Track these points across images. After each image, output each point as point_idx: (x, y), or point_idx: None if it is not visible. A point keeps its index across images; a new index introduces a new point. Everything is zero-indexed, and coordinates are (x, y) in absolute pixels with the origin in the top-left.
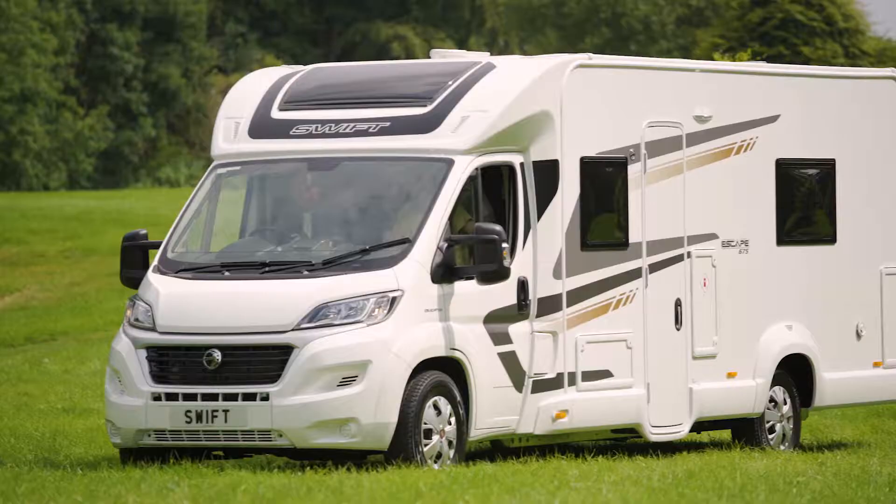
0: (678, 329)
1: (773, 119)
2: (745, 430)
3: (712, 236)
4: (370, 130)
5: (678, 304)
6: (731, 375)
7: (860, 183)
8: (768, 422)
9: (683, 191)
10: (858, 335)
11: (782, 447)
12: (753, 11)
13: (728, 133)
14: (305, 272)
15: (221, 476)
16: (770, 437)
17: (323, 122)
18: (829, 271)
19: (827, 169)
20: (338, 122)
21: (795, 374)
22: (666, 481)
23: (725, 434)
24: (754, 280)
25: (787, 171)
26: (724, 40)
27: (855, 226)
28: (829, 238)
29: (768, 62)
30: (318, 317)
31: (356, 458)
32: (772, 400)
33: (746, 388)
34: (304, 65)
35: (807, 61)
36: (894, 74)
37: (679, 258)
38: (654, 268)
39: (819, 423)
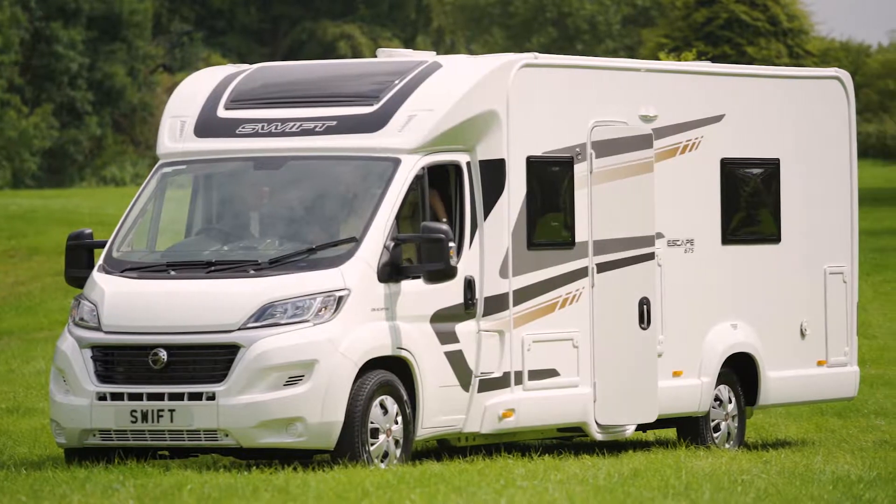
0: (644, 328)
1: (718, 119)
2: (691, 429)
3: (658, 235)
4: (316, 129)
5: (644, 303)
6: (676, 374)
7: (804, 182)
8: (713, 420)
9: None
10: (803, 334)
11: (727, 446)
12: (698, 11)
13: (673, 133)
14: (252, 271)
15: (167, 476)
16: (715, 435)
17: (269, 121)
18: (774, 270)
19: (771, 168)
20: (284, 121)
21: (740, 372)
22: (612, 480)
23: (671, 433)
24: (700, 279)
25: (731, 171)
26: (669, 40)
27: (799, 225)
28: (774, 237)
29: (713, 62)
30: (265, 316)
31: (303, 458)
32: (717, 399)
33: (692, 387)
34: (251, 64)
35: (751, 61)
36: (838, 74)
37: (631, 258)
38: (603, 267)
39: (764, 422)
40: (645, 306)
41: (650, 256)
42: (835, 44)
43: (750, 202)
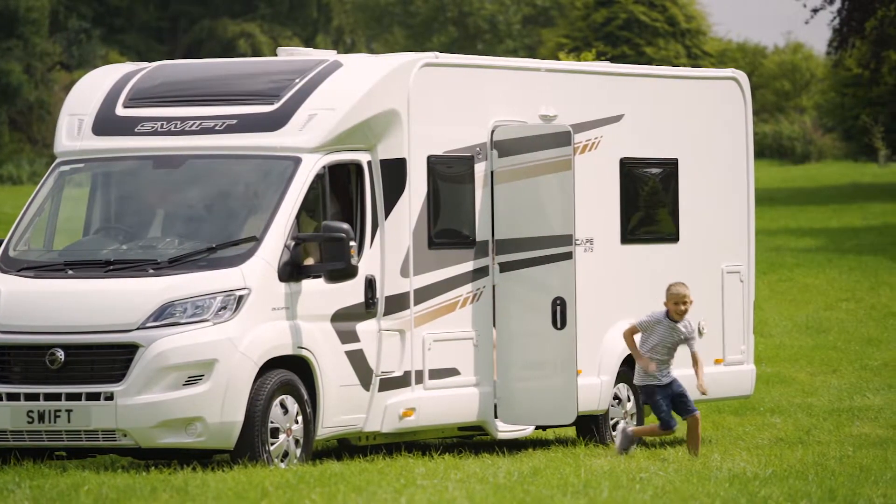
0: (558, 329)
1: (618, 119)
2: (590, 427)
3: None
4: (216, 128)
5: (558, 303)
6: (576, 373)
7: (702, 182)
8: (612, 419)
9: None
10: (700, 333)
11: None
12: (598, 12)
13: (574, 132)
14: (151, 270)
15: (64, 477)
16: (614, 433)
17: (168, 119)
18: (672, 269)
19: (670, 168)
20: (183, 119)
21: None
22: (511, 478)
23: (570, 431)
24: (599, 278)
25: (631, 171)
26: (569, 40)
27: (697, 224)
28: (672, 236)
29: (612, 62)
30: (164, 315)
31: (202, 458)
32: (616, 397)
33: (591, 386)
34: (150, 62)
35: (650, 61)
36: (735, 75)
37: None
38: (508, 266)
39: None
40: (559, 306)
41: (566, 256)
42: (732, 45)
43: (649, 202)
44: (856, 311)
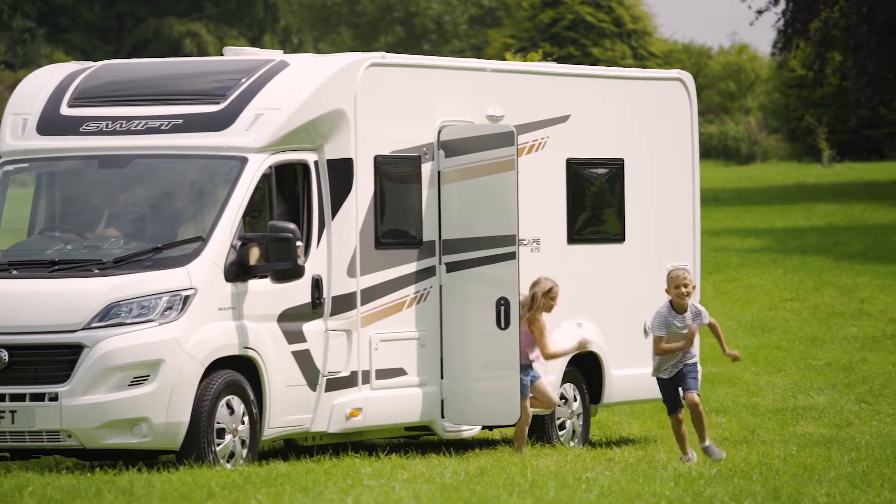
0: (502, 329)
1: (564, 119)
2: (536, 427)
3: None
4: (162, 128)
5: (502, 303)
6: None
7: (648, 182)
8: (559, 418)
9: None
10: (646, 332)
11: (572, 443)
12: (544, 12)
13: (520, 133)
14: (96, 270)
15: (7, 478)
16: (560, 433)
17: (114, 118)
18: (618, 270)
19: (616, 168)
20: (129, 119)
21: (585, 371)
22: (458, 478)
23: None
24: None
25: (577, 171)
26: (515, 41)
27: (643, 225)
28: (618, 237)
29: (559, 63)
30: (109, 316)
31: (147, 458)
32: (562, 397)
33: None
34: (95, 61)
35: (596, 62)
36: (681, 76)
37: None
38: (454, 266)
39: (608, 420)
40: (503, 307)
41: (510, 256)
42: (677, 45)
43: (595, 202)
44: (800, 311)
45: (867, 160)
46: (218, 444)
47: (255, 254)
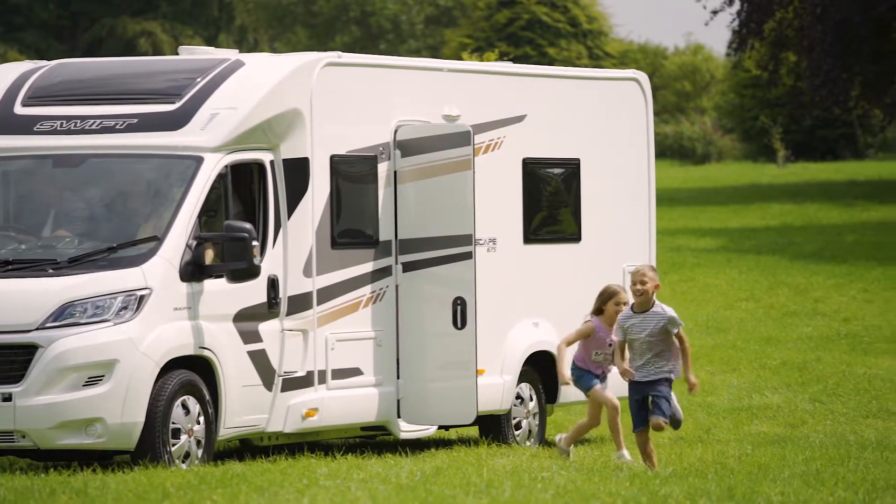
0: (459, 329)
1: (520, 119)
2: (493, 427)
3: None
4: (117, 127)
5: (458, 303)
6: (479, 372)
7: (604, 182)
8: (515, 418)
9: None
10: None
11: (528, 443)
12: (500, 12)
13: (476, 132)
14: (50, 270)
15: None
16: (516, 433)
17: (68, 118)
18: (575, 269)
19: (572, 168)
20: (84, 118)
21: (541, 370)
22: (414, 478)
23: (473, 431)
24: (502, 278)
25: (533, 171)
26: (471, 40)
27: (599, 224)
28: (574, 236)
29: (515, 63)
30: (64, 316)
31: (102, 459)
32: (518, 397)
33: (494, 385)
34: (49, 60)
35: (552, 62)
36: (636, 76)
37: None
38: (411, 266)
39: (564, 419)
40: (459, 306)
41: (467, 256)
42: (633, 46)
43: (551, 202)
44: (755, 311)
45: (821, 160)
46: (173, 445)
47: (209, 254)
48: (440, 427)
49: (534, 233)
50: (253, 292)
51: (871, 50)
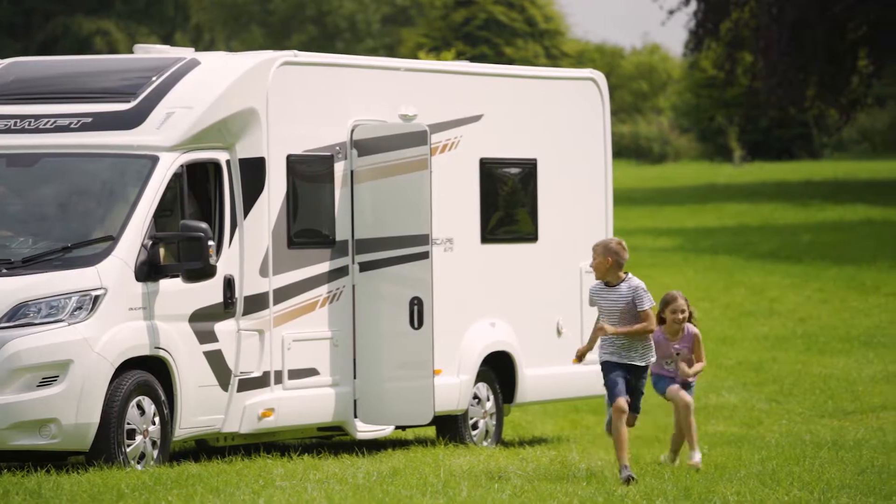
0: (416, 329)
1: (477, 118)
2: (450, 427)
3: None
4: (72, 126)
5: (415, 303)
6: (436, 372)
7: (561, 182)
8: (472, 418)
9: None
10: (559, 332)
11: (485, 443)
12: (457, 12)
13: (433, 132)
14: (4, 270)
15: None
16: (473, 433)
17: (22, 117)
18: (532, 269)
19: (529, 168)
20: (37, 117)
21: (498, 370)
22: (371, 479)
23: (430, 431)
24: (459, 278)
25: (490, 171)
26: (428, 40)
27: (556, 224)
28: (531, 236)
29: (472, 62)
30: (18, 316)
31: (56, 460)
32: (475, 397)
33: (451, 385)
34: (2, 59)
35: (510, 61)
36: (593, 76)
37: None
38: (367, 266)
39: (521, 419)
40: (416, 306)
41: (423, 256)
42: (590, 45)
43: (508, 202)
44: (711, 311)
45: (777, 160)
46: (128, 445)
47: (163, 253)
48: (397, 427)
49: (491, 233)
50: (209, 292)
51: (826, 50)
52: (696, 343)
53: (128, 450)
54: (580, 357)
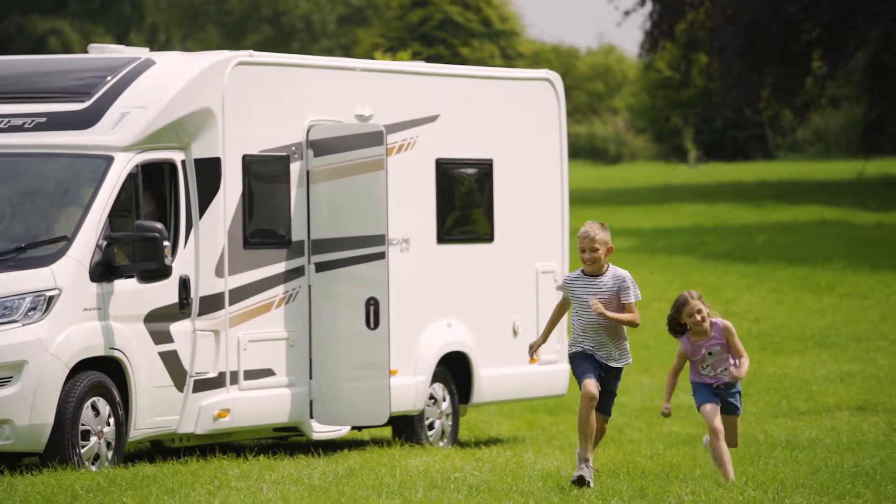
0: (371, 329)
1: (433, 119)
2: (406, 428)
3: None
4: (25, 126)
5: (371, 303)
6: (392, 373)
7: (517, 182)
8: (428, 419)
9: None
10: (515, 332)
11: (441, 444)
12: (413, 12)
13: (389, 132)
14: None
15: None
16: (430, 433)
17: None
18: (487, 270)
19: (485, 169)
20: None
21: (454, 371)
22: (326, 479)
23: (386, 431)
24: (415, 278)
25: (446, 171)
26: (384, 40)
27: (511, 225)
28: (487, 237)
29: (428, 62)
30: None
31: (10, 461)
32: (431, 397)
33: (407, 386)
34: None
35: (466, 62)
36: (548, 76)
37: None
38: (323, 266)
39: (477, 420)
40: (372, 307)
41: (379, 256)
42: (546, 46)
43: (464, 202)
44: (666, 311)
45: (732, 161)
46: (83, 446)
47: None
48: (353, 427)
49: (447, 233)
50: (164, 293)
51: (780, 52)
52: (729, 335)
53: (82, 451)
54: (533, 351)
